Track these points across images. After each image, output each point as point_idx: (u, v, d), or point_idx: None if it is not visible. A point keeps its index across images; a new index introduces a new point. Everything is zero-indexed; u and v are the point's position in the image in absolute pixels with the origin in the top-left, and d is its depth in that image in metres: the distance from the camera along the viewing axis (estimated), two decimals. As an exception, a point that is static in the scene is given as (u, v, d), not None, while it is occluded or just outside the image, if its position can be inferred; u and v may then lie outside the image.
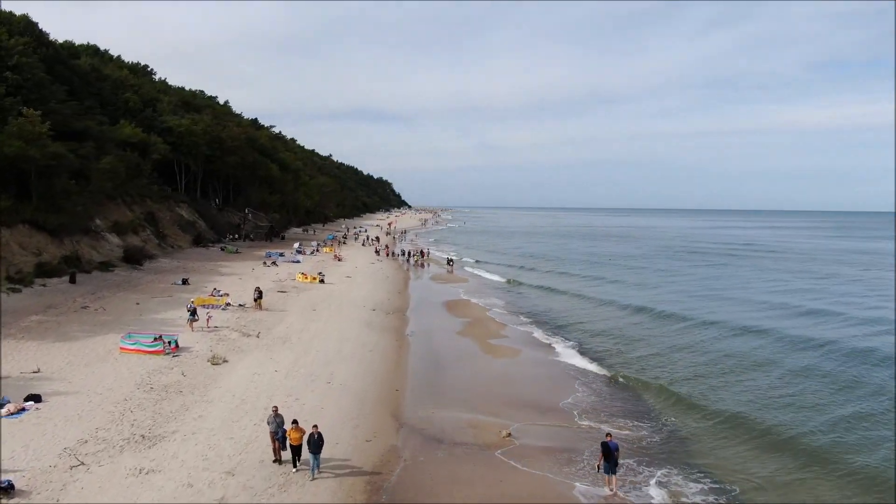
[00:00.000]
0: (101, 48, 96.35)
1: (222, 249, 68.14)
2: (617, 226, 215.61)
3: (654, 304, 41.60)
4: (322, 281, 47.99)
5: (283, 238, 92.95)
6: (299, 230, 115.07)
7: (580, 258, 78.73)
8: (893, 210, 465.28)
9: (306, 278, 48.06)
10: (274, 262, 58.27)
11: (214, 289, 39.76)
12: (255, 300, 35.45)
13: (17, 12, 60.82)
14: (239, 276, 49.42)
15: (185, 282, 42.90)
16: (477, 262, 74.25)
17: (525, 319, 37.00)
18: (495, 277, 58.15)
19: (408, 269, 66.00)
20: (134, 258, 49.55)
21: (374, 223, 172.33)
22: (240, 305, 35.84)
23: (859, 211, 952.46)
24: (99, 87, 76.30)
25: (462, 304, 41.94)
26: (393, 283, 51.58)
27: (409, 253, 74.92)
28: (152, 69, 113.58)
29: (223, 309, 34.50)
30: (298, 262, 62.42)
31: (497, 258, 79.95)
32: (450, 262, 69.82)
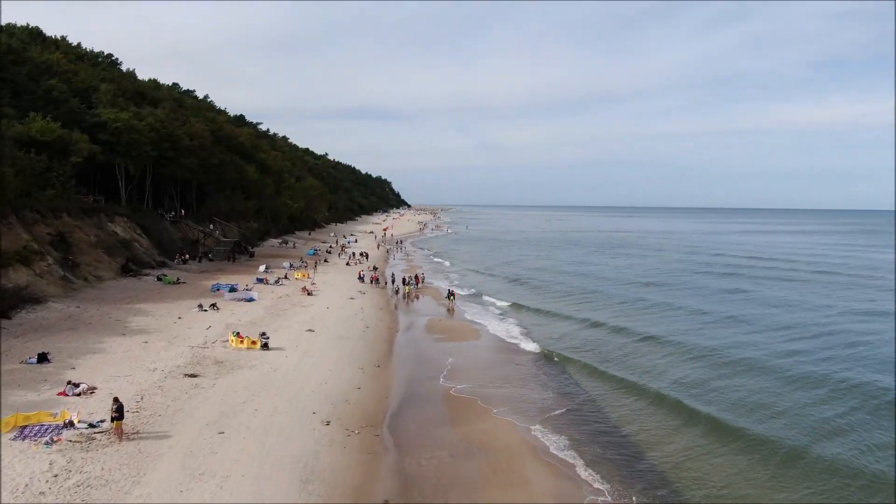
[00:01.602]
0: (56, 36, 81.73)
1: (159, 279, 52.94)
2: (626, 231, 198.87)
3: (759, 421, 25.05)
4: (266, 345, 32.78)
5: (251, 255, 77.63)
6: (277, 242, 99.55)
7: (610, 290, 61.81)
8: (894, 209, 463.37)
9: (242, 343, 32.76)
10: (214, 305, 42.96)
11: (69, 382, 24.52)
12: (113, 421, 20.27)
13: (19, 12, 45.89)
14: (148, 335, 34.26)
15: (42, 359, 27.66)
16: (483, 294, 58.78)
17: (585, 457, 21.31)
18: (513, 329, 42.65)
19: (396, 306, 51.03)
20: (-3, 308, 34.41)
21: (369, 229, 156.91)
22: (90, 426, 20.69)
23: (858, 209, 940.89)
24: (13, 72, 61.29)
25: (476, 409, 26.23)
26: (371, 345, 36.38)
27: (403, 280, 59.96)
28: (117, 58, 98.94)
29: (50, 442, 19.34)
30: (253, 299, 47.30)
31: (507, 288, 64.62)
32: (451, 295, 54.89)
